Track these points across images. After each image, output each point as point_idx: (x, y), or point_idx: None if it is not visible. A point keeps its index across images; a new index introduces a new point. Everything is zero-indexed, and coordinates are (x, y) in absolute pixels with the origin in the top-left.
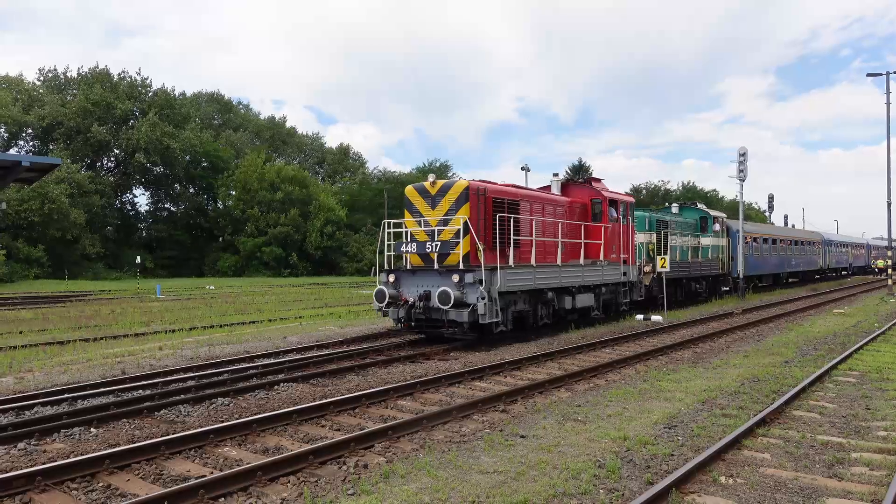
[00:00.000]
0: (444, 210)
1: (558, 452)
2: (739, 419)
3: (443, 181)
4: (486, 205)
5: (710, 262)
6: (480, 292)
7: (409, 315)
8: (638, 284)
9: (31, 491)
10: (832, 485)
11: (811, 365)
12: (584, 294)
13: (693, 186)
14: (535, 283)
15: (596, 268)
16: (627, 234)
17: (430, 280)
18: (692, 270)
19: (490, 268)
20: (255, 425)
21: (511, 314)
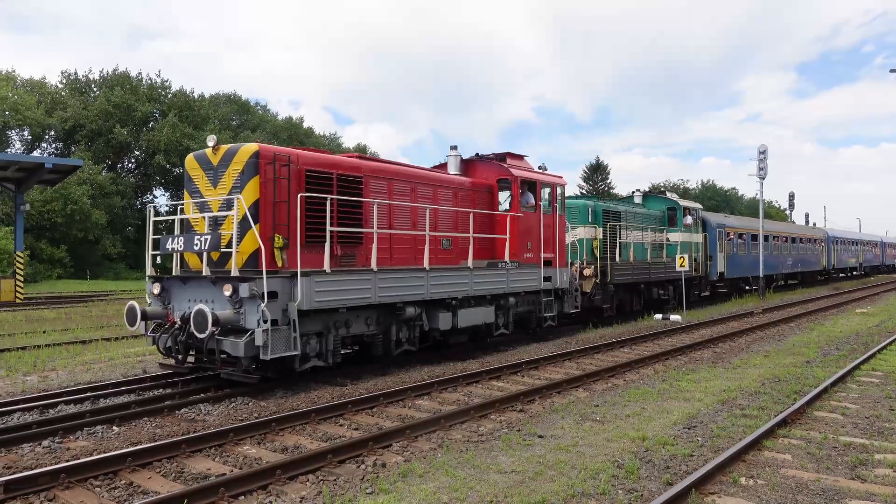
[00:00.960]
0: (228, 188)
1: (576, 452)
2: (760, 420)
3: (228, 146)
4: (293, 180)
5: None
6: (261, 312)
7: (179, 344)
8: (572, 292)
9: (56, 488)
10: (855, 486)
11: (833, 365)
12: (476, 308)
13: (712, 185)
14: (379, 296)
15: (497, 271)
16: (554, 226)
17: (203, 292)
18: (654, 273)
19: (288, 275)
20: (274, 424)
21: (335, 342)
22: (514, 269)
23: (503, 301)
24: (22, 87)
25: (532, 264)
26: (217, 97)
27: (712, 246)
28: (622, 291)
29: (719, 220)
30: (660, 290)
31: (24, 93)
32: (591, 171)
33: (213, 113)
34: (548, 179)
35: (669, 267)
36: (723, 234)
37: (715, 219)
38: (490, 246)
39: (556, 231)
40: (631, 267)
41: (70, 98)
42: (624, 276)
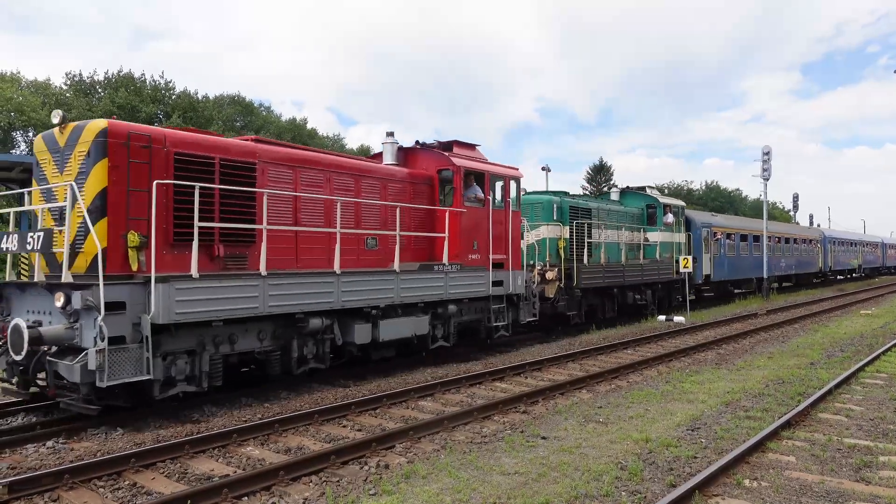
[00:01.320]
0: (74, 173)
1: (580, 454)
2: (764, 421)
3: (76, 123)
4: (156, 165)
5: (660, 264)
6: (98, 329)
7: (12, 365)
8: (529, 298)
9: (60, 488)
10: (859, 489)
11: (837, 367)
12: (404, 318)
13: (716, 186)
14: (270, 306)
15: (432, 275)
16: (506, 224)
17: (40, 302)
18: (629, 276)
19: (141, 281)
20: (278, 425)
21: (212, 362)
22: (455, 273)
23: (441, 309)
24: (27, 88)
25: (478, 267)
26: (221, 98)
27: (696, 246)
28: (592, 296)
29: (705, 218)
30: (636, 295)
31: (28, 94)
32: (595, 172)
33: (216, 114)
34: (499, 171)
35: (649, 269)
36: (709, 233)
37: (700, 217)
38: (430, 246)
39: (510, 229)
40: (602, 269)
41: (75, 99)
42: (593, 280)
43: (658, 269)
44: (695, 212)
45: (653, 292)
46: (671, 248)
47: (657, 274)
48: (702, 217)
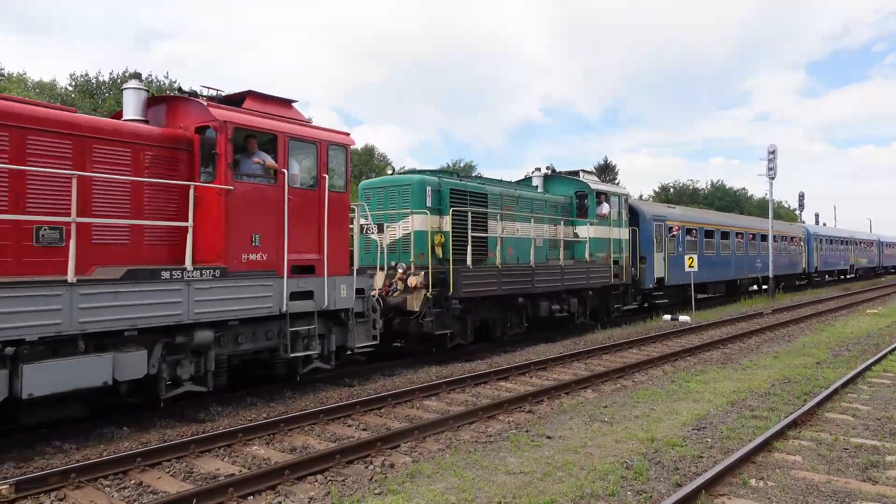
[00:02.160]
0: None
1: (585, 453)
2: (770, 421)
3: None
4: None
5: (592, 266)
6: None
7: None
8: (368, 314)
9: (66, 487)
10: (866, 488)
11: (844, 366)
12: (83, 359)
13: (722, 185)
14: None
15: (157, 286)
16: (321, 209)
17: None
18: (542, 281)
19: None
20: (283, 425)
21: None
22: (209, 282)
23: (184, 337)
24: (33, 89)
25: (260, 272)
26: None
27: (646, 244)
28: (486, 309)
29: (658, 211)
30: (554, 305)
31: (35, 95)
32: (600, 171)
33: None
34: (306, 133)
35: (573, 272)
36: (663, 228)
37: (650, 209)
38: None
39: (324, 218)
40: (497, 273)
41: (80, 100)
42: (482, 287)
43: (588, 273)
44: (645, 202)
45: (581, 301)
46: (607, 245)
47: (586, 278)
48: (653, 209)
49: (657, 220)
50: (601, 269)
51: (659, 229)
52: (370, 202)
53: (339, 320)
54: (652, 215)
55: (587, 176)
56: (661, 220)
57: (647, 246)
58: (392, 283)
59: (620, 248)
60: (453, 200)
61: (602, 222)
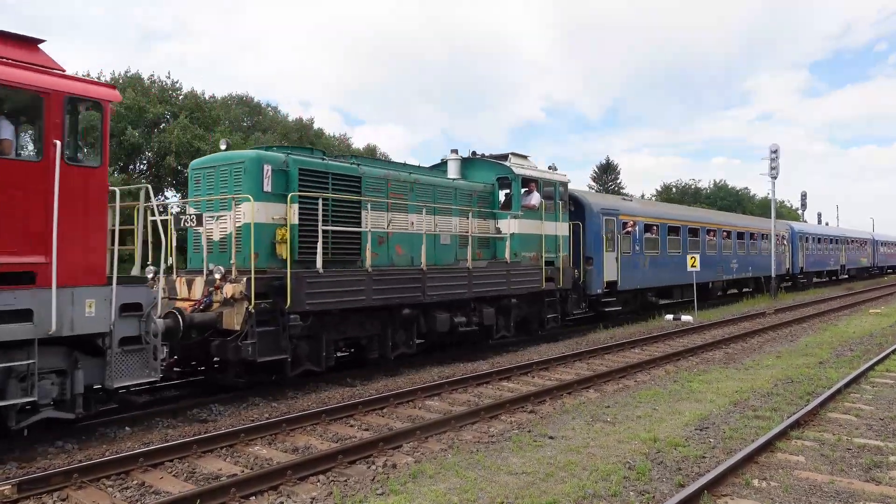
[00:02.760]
0: None
1: (587, 453)
2: (773, 421)
3: None
4: None
5: (515, 269)
6: None
7: None
8: (148, 344)
9: (69, 488)
10: (869, 489)
11: (846, 366)
12: None
13: (724, 185)
14: None
15: None
16: (46, 189)
17: None
18: (441, 286)
19: None
20: (285, 425)
21: None
22: None
23: None
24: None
25: None
26: (228, 98)
27: (593, 242)
28: (355, 324)
29: (609, 203)
30: (457, 317)
31: None
32: (601, 171)
33: (224, 114)
34: (21, 80)
35: (490, 276)
36: (615, 224)
37: (599, 201)
38: None
39: (54, 203)
40: (367, 279)
41: None
42: (339, 297)
43: (509, 276)
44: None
45: (501, 311)
46: (538, 243)
47: (506, 283)
48: (602, 200)
49: (607, 213)
50: (528, 272)
51: (610, 225)
52: (199, 187)
53: (92, 349)
54: (601, 208)
55: (517, 160)
56: (612, 213)
57: (594, 244)
58: (210, 293)
59: (556, 247)
60: (307, 184)
61: (530, 215)
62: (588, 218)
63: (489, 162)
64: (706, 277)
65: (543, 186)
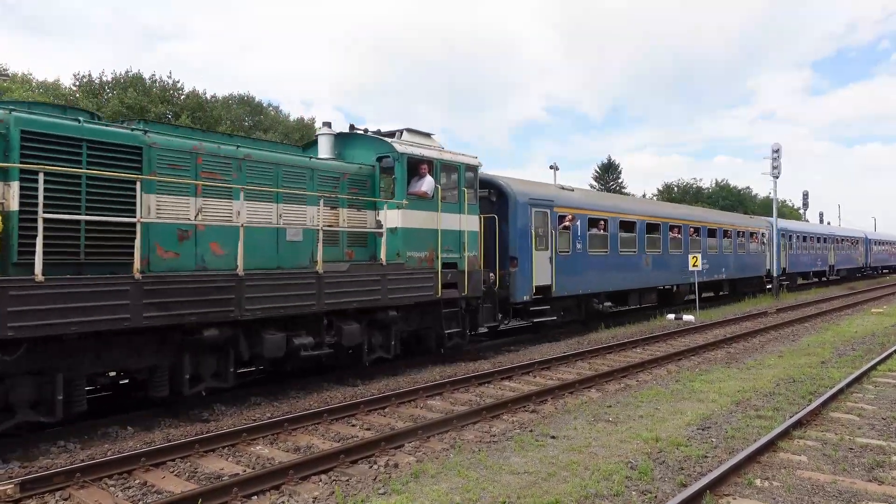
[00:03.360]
0: None
1: (589, 453)
2: (775, 420)
3: None
4: None
5: (402, 273)
6: None
7: None
8: None
9: (71, 487)
10: (872, 488)
11: (849, 365)
12: None
13: (726, 184)
14: None
15: None
16: None
17: None
18: (278, 299)
19: None
20: (287, 424)
21: None
22: None
23: None
24: (37, 89)
25: None
26: (230, 98)
27: (518, 239)
28: (123, 351)
29: (540, 193)
30: (300, 338)
31: (39, 95)
32: (603, 170)
33: (225, 114)
34: None
35: (356, 282)
36: (548, 218)
37: (527, 190)
38: None
39: None
40: (136, 289)
41: (84, 100)
42: (74, 317)
43: (385, 282)
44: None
45: (378, 326)
46: (432, 240)
47: (381, 291)
48: (531, 189)
49: (538, 205)
50: (416, 277)
51: (541, 219)
52: None
53: None
54: (529, 199)
55: (411, 137)
56: (543, 205)
57: (520, 242)
58: None
59: (461, 245)
60: (41, 154)
61: (421, 205)
62: (512, 210)
63: (369, 138)
64: (666, 280)
65: (442, 170)
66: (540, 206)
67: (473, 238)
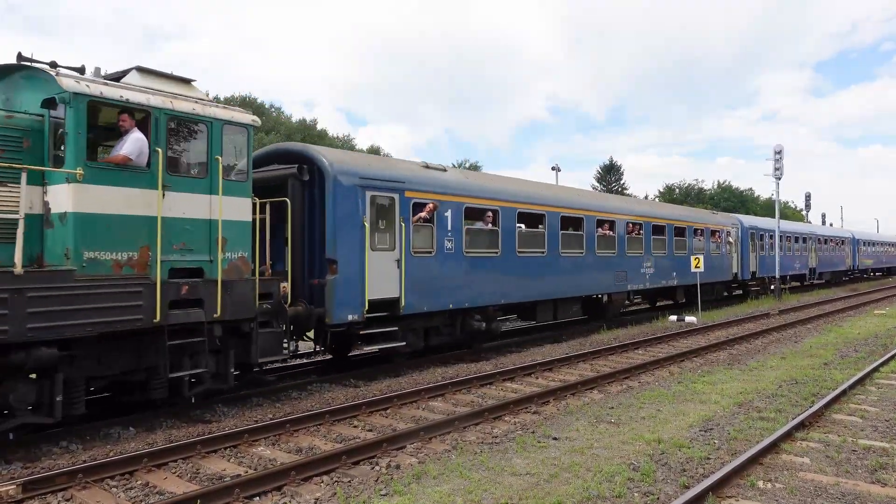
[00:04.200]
0: None
1: (591, 455)
2: (777, 422)
3: None
4: None
5: (62, 286)
6: None
7: None
8: None
9: (73, 488)
10: (875, 491)
11: (851, 367)
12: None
13: (728, 185)
14: None
15: None
16: None
17: None
18: None
19: None
20: (289, 425)
21: None
22: None
23: None
24: None
25: None
26: (231, 99)
27: (342, 234)
28: None
29: (378, 169)
30: None
31: None
32: (605, 171)
33: None
34: None
35: None
36: (396, 205)
37: (356, 165)
38: None
39: None
40: None
41: None
42: None
43: (20, 302)
44: (341, 151)
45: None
46: (148, 233)
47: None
48: (366, 165)
49: (375, 187)
50: (101, 293)
51: (382, 206)
52: None
53: None
54: (360, 178)
55: (145, 79)
56: (386, 188)
57: (341, 237)
58: None
59: (213, 242)
60: None
61: (122, 178)
62: (330, 193)
63: (34, 76)
64: (593, 287)
65: (173, 126)
66: (380, 190)
67: (241, 231)
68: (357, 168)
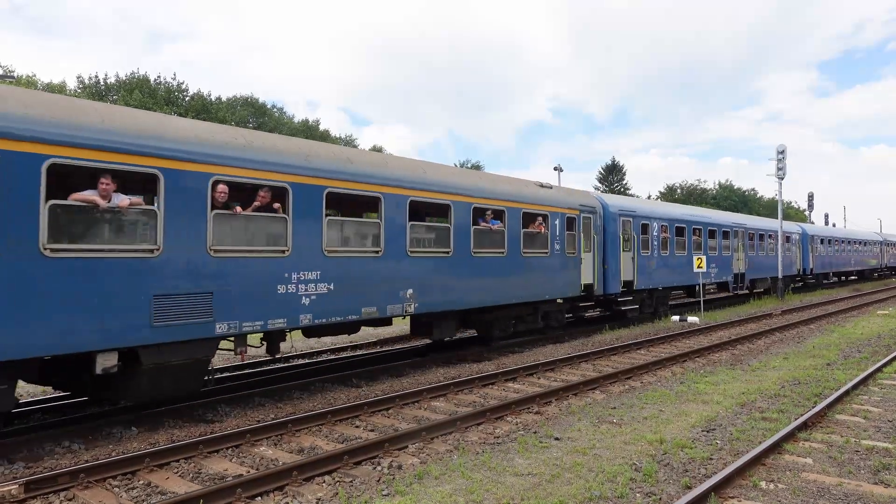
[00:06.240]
0: None
1: (593, 455)
2: (780, 423)
3: None
4: None
5: None
6: None
7: None
8: None
9: (75, 487)
10: (878, 491)
11: (854, 367)
12: None
13: (730, 185)
14: None
15: None
16: None
17: None
18: None
19: None
20: (291, 425)
21: None
22: None
23: None
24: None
25: None
26: (234, 100)
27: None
28: None
29: (624, 203)
30: None
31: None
32: (607, 171)
33: (230, 116)
34: None
35: None
36: (629, 223)
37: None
38: None
39: None
40: None
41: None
42: None
43: None
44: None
45: None
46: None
47: None
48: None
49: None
50: None
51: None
52: None
53: None
54: (618, 209)
55: None
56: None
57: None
58: None
59: None
60: None
61: None
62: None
63: None
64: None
65: None
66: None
67: None
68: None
